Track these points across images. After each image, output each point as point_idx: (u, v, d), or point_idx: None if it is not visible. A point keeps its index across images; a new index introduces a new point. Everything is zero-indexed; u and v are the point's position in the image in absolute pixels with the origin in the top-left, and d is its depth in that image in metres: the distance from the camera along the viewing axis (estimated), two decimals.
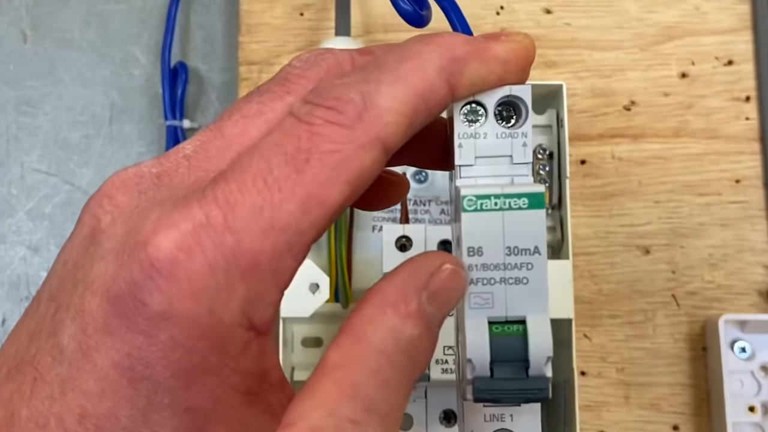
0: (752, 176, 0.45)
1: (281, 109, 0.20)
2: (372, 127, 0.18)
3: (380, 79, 0.19)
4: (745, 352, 0.42)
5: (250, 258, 0.17)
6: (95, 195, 0.19)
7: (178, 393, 0.17)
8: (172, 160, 0.20)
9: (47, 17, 0.49)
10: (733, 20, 0.46)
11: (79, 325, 0.17)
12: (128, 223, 0.18)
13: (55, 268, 0.19)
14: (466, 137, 0.20)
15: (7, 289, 0.47)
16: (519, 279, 0.19)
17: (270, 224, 0.17)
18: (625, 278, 0.44)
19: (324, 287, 0.37)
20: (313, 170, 0.18)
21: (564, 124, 0.40)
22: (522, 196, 0.19)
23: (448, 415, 0.38)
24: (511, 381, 0.19)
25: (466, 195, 0.19)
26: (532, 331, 0.19)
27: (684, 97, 0.46)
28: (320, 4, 0.47)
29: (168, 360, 0.17)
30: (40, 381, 0.17)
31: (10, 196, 0.47)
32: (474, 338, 0.19)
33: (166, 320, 0.17)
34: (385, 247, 0.36)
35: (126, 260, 0.17)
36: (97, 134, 0.48)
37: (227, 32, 0.49)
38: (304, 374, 0.40)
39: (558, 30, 0.46)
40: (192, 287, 0.17)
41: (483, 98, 0.20)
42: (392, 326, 0.17)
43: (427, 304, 0.18)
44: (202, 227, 0.17)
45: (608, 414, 0.43)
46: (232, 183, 0.18)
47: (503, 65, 0.20)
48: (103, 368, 0.17)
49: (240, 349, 0.18)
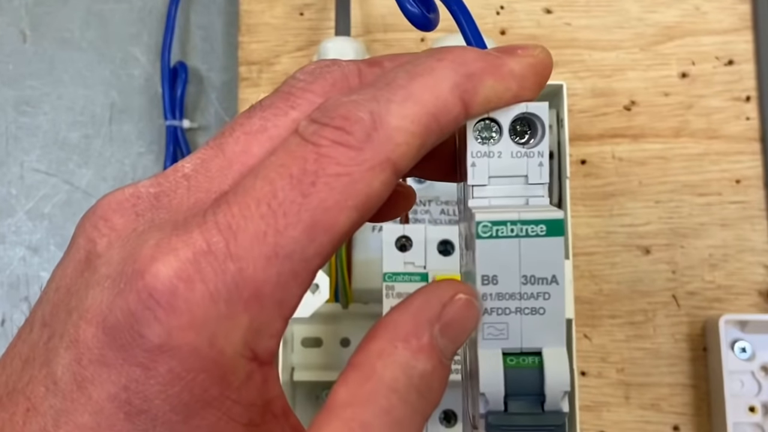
0: (752, 176, 0.45)
1: (285, 125, 0.19)
2: (382, 149, 0.17)
3: (390, 98, 0.18)
4: (745, 352, 0.42)
5: (254, 287, 0.16)
6: (90, 216, 0.19)
7: (177, 427, 0.17)
8: (170, 180, 0.19)
9: (47, 17, 0.49)
10: (733, 20, 0.46)
11: (73, 355, 0.17)
12: (125, 248, 0.17)
13: (48, 293, 0.18)
14: (479, 156, 0.19)
15: (7, 289, 0.47)
16: (535, 309, 0.18)
17: (274, 251, 0.17)
18: (625, 278, 0.44)
19: (324, 287, 0.37)
20: (319, 194, 0.17)
21: (564, 124, 0.40)
22: (540, 223, 0.18)
23: (448, 415, 0.38)
24: (526, 416, 0.18)
25: (480, 221, 0.18)
26: (549, 364, 0.18)
27: (684, 97, 0.46)
28: (320, 3, 0.47)
29: (167, 393, 0.16)
30: (33, 412, 0.17)
31: (9, 196, 0.47)
32: (488, 370, 0.18)
33: (165, 353, 0.16)
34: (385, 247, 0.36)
35: (123, 289, 0.16)
36: (96, 134, 0.48)
37: (227, 32, 0.49)
38: (304, 374, 0.40)
39: (558, 30, 0.46)
40: (192, 318, 0.16)
41: (498, 115, 0.19)
42: (403, 362, 0.17)
43: (439, 337, 0.17)
44: (203, 254, 0.16)
45: (608, 414, 0.43)
46: (234, 207, 0.17)
47: (519, 81, 0.19)
48: (99, 401, 0.16)
49: (242, 381, 0.17)
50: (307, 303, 0.37)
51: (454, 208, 0.42)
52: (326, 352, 0.41)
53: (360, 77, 0.20)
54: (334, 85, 0.19)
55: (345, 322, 0.41)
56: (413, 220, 0.42)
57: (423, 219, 0.42)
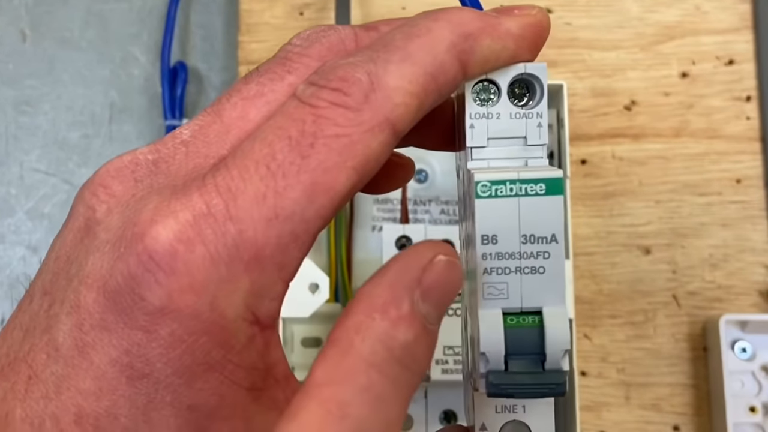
0: (753, 176, 0.45)
1: (282, 90, 0.19)
2: (380, 109, 0.17)
3: (388, 58, 0.18)
4: (745, 352, 0.42)
5: (254, 249, 0.16)
6: (89, 184, 0.19)
7: (179, 390, 0.16)
8: (169, 146, 0.19)
9: (47, 16, 0.49)
10: (733, 20, 0.46)
11: (74, 321, 0.17)
12: (125, 213, 0.17)
13: (48, 262, 0.18)
14: (478, 117, 0.19)
15: (6, 289, 0.47)
16: (535, 268, 0.18)
17: (274, 213, 0.16)
18: (625, 278, 0.44)
19: (324, 287, 0.37)
20: (318, 155, 0.17)
21: (564, 124, 0.40)
22: (539, 182, 0.18)
23: (448, 415, 0.38)
24: (527, 375, 0.18)
25: (479, 180, 0.18)
26: (549, 323, 0.18)
27: (685, 97, 0.46)
28: (320, 3, 0.47)
29: (169, 357, 0.16)
30: (35, 379, 0.17)
31: (9, 196, 0.47)
32: (488, 330, 0.18)
33: (166, 315, 0.16)
34: (385, 247, 0.36)
35: (123, 252, 0.16)
36: (96, 134, 0.48)
37: (227, 32, 0.49)
38: (304, 374, 0.40)
39: (558, 29, 0.46)
40: (192, 280, 0.16)
41: (496, 76, 0.19)
42: (382, 333, 0.16)
43: (421, 304, 0.16)
44: (203, 217, 0.16)
45: (609, 414, 0.43)
46: (234, 169, 0.17)
47: (517, 41, 0.19)
48: (101, 366, 0.16)
49: (244, 344, 0.17)
50: (307, 303, 0.37)
51: (454, 208, 0.42)
52: None
53: (356, 41, 0.20)
54: (330, 49, 0.19)
55: None
56: (413, 220, 0.42)
57: (423, 219, 0.42)
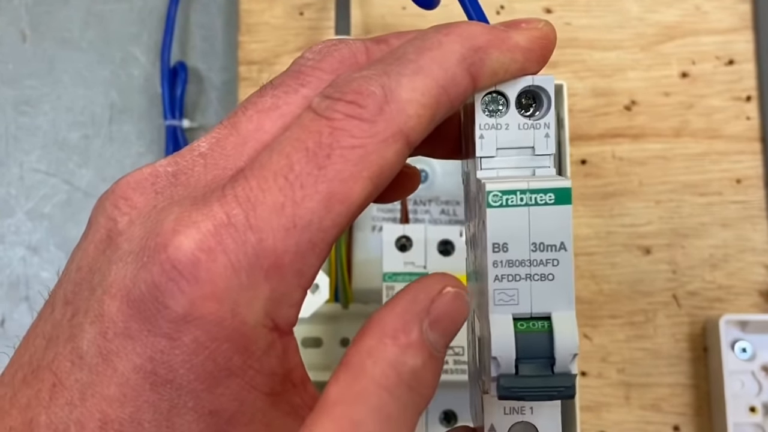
0: (753, 176, 0.45)
1: (296, 102, 0.19)
2: (394, 121, 0.18)
3: (401, 71, 0.18)
4: (745, 352, 0.42)
5: (273, 257, 0.17)
6: (109, 196, 0.19)
7: (201, 396, 0.17)
8: (187, 159, 0.19)
9: (47, 17, 0.49)
10: (733, 20, 0.46)
11: (98, 329, 0.17)
12: (147, 224, 0.18)
13: (69, 273, 0.19)
14: (487, 128, 0.20)
15: (7, 289, 0.47)
16: (544, 275, 0.19)
17: (292, 222, 0.17)
18: (625, 278, 0.44)
19: (324, 287, 0.37)
20: (335, 166, 0.17)
21: (564, 124, 0.40)
22: (549, 192, 0.19)
23: (448, 415, 0.37)
24: (537, 378, 0.18)
25: (491, 191, 0.19)
26: (558, 328, 0.19)
27: (685, 97, 0.46)
28: (320, 3, 0.47)
29: (192, 363, 0.17)
30: (59, 387, 0.17)
31: (9, 197, 0.47)
32: (499, 335, 0.19)
33: (189, 323, 0.17)
34: (385, 247, 0.36)
35: (146, 262, 0.17)
36: (96, 134, 0.48)
37: (227, 32, 0.49)
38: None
39: (558, 29, 0.46)
40: (215, 288, 0.17)
41: (504, 88, 0.20)
42: (393, 358, 0.17)
43: (429, 332, 0.17)
44: (224, 226, 0.17)
45: (609, 414, 0.43)
46: (252, 180, 0.17)
47: (525, 54, 0.20)
48: (125, 373, 0.17)
49: (264, 350, 0.17)
50: (307, 303, 0.37)
51: (454, 208, 0.42)
52: (326, 352, 0.41)
53: (367, 54, 0.20)
54: (342, 62, 0.20)
55: (345, 322, 0.41)
56: (413, 220, 0.42)
57: (423, 219, 0.42)
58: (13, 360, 0.19)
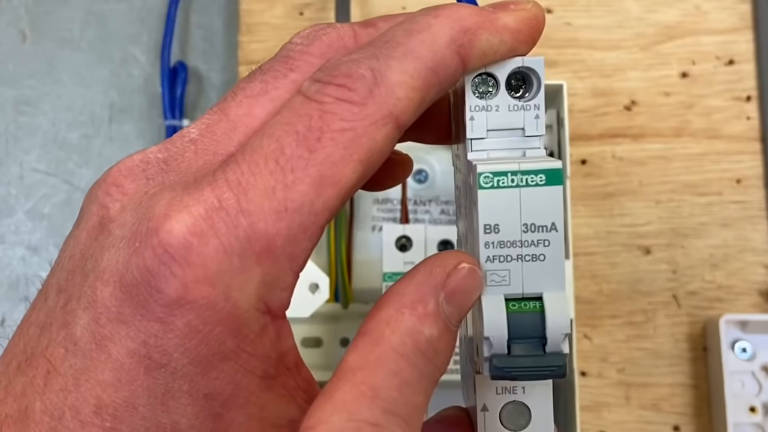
0: (753, 176, 0.45)
1: (286, 87, 0.19)
2: (384, 103, 0.18)
3: (390, 54, 0.18)
4: (745, 352, 0.42)
5: (265, 241, 0.17)
6: (101, 184, 0.19)
7: (196, 379, 0.17)
8: (178, 145, 0.19)
9: (46, 17, 0.49)
10: (734, 20, 0.46)
11: (91, 315, 0.17)
12: (138, 210, 0.18)
13: (61, 261, 0.19)
14: (477, 110, 0.20)
15: (6, 289, 0.47)
16: (536, 256, 0.19)
17: (284, 206, 0.17)
18: (625, 278, 0.44)
19: (324, 287, 0.37)
20: (325, 149, 0.17)
21: (564, 124, 0.40)
22: (539, 173, 0.19)
23: None
24: (529, 358, 0.19)
25: (482, 172, 0.19)
26: (549, 308, 0.19)
27: (685, 97, 0.46)
28: (320, 3, 0.47)
29: (185, 347, 0.17)
30: (54, 373, 0.17)
31: (9, 196, 0.47)
32: (491, 316, 0.19)
33: (182, 306, 0.17)
34: (385, 247, 0.36)
35: (138, 247, 0.17)
36: (96, 134, 0.48)
37: (227, 32, 0.49)
38: None
39: (558, 29, 0.46)
40: (207, 272, 0.17)
41: (494, 70, 0.20)
42: (410, 327, 0.17)
43: (444, 304, 0.18)
44: (215, 210, 0.17)
45: (609, 414, 0.43)
46: (243, 165, 0.17)
47: (514, 35, 0.20)
48: (119, 358, 0.17)
49: (257, 334, 0.18)
50: (307, 303, 0.37)
51: (454, 208, 0.42)
52: (326, 352, 0.41)
53: (355, 38, 0.20)
54: (330, 46, 0.20)
55: (345, 322, 0.41)
56: (413, 220, 0.42)
57: (423, 219, 0.42)
58: (7, 349, 0.19)
